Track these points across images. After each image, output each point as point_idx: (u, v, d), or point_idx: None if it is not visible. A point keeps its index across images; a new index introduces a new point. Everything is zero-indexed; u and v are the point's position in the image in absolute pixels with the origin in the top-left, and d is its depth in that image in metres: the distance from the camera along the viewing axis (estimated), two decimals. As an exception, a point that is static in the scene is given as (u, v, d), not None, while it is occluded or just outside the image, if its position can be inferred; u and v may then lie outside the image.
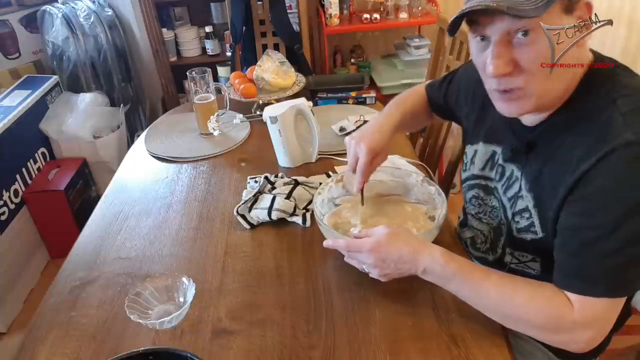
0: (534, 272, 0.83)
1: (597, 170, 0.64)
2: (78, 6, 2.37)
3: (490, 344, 0.74)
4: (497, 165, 0.85)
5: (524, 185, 0.78)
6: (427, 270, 0.75)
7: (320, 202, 0.98)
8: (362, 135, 0.93)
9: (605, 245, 0.64)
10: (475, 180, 0.90)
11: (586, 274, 0.66)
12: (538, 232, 0.77)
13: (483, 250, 0.92)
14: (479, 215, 0.91)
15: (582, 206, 0.66)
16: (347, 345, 0.76)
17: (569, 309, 0.67)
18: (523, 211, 0.78)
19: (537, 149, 0.75)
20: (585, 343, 0.68)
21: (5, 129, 1.90)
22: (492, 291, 0.72)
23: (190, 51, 2.59)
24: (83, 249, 1.03)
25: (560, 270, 0.70)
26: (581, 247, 0.66)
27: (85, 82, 2.38)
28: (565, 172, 0.68)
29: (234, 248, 0.99)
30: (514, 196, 0.80)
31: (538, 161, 0.75)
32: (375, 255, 0.77)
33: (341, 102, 1.57)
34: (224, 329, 0.80)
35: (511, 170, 0.81)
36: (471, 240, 0.95)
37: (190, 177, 1.25)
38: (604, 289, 0.65)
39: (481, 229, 0.91)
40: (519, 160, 0.79)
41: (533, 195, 0.76)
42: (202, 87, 1.38)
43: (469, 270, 0.74)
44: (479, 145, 0.90)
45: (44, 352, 0.79)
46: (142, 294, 0.81)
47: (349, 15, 2.44)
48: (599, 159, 0.63)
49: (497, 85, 0.70)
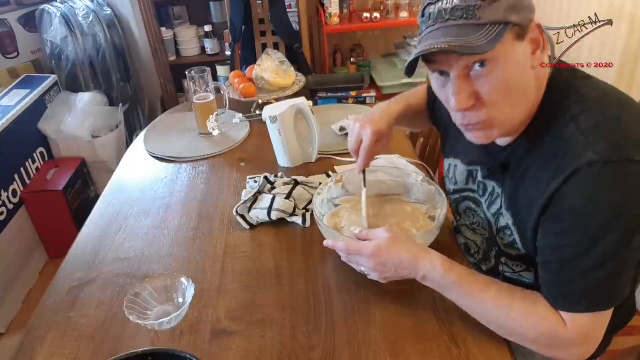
0: (529, 281, 0.83)
1: (566, 190, 0.64)
2: (77, 5, 2.36)
3: (490, 345, 0.74)
4: (478, 181, 0.86)
5: (504, 204, 0.78)
6: (426, 277, 0.76)
7: (320, 203, 0.98)
8: (366, 119, 0.93)
9: (584, 262, 0.64)
10: (464, 193, 0.91)
11: (569, 291, 0.67)
12: (520, 248, 0.77)
13: (477, 260, 0.92)
14: (473, 226, 0.91)
15: (557, 226, 0.66)
16: (347, 346, 0.75)
17: (562, 327, 0.68)
18: (505, 228, 0.79)
19: (511, 169, 0.76)
20: (577, 357, 0.70)
21: (4, 129, 1.89)
22: (489, 304, 0.72)
23: (190, 50, 2.59)
24: (82, 249, 1.02)
25: (545, 288, 0.71)
26: (561, 266, 0.67)
27: (84, 82, 2.38)
28: (536, 192, 0.68)
29: (233, 248, 0.98)
30: (496, 212, 0.81)
31: (513, 181, 0.75)
32: (376, 259, 0.77)
33: (341, 102, 1.57)
34: (224, 330, 0.80)
35: (492, 187, 0.81)
36: (465, 246, 0.95)
37: (189, 177, 1.25)
38: (588, 305, 0.66)
39: (474, 240, 0.91)
40: (497, 179, 0.80)
41: (512, 214, 0.76)
42: (201, 86, 1.37)
43: (468, 281, 0.74)
44: (458, 162, 0.91)
45: (43, 353, 0.78)
46: (141, 295, 0.81)
47: (349, 15, 2.44)
48: (565, 179, 0.64)
49: (462, 120, 0.71)
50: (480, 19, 0.62)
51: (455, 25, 0.64)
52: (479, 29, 0.63)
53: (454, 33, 0.64)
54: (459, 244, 0.98)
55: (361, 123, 0.92)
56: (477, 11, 0.62)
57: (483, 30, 0.62)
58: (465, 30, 0.63)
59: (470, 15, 0.63)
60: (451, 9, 0.64)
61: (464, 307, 0.75)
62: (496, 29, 0.62)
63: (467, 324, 0.77)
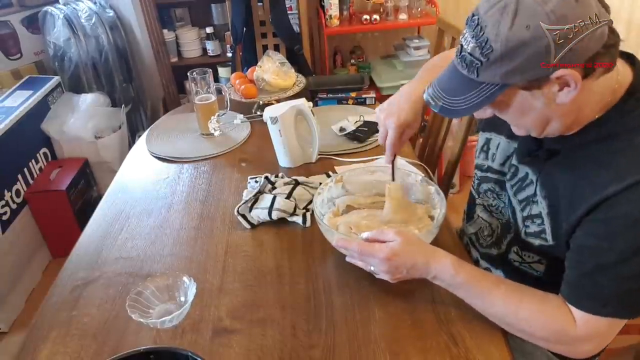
0: (537, 273, 0.83)
1: (625, 196, 0.63)
2: (79, 7, 2.37)
3: (489, 343, 0.74)
4: (510, 164, 0.85)
5: (539, 191, 0.76)
6: (437, 277, 0.77)
7: (320, 202, 0.98)
8: (390, 109, 0.91)
9: (621, 270, 0.64)
10: (495, 174, 0.89)
11: (598, 294, 0.67)
12: (548, 239, 0.76)
13: (487, 245, 0.91)
14: (490, 209, 0.90)
15: (602, 229, 0.65)
16: (347, 344, 0.76)
17: (571, 325, 0.68)
18: (535, 217, 0.78)
19: (559, 158, 0.74)
20: (583, 354, 0.71)
21: (7, 130, 1.90)
22: (498, 302, 0.73)
23: (191, 52, 2.59)
24: (84, 248, 1.03)
25: (570, 286, 0.70)
26: (597, 269, 0.66)
27: (86, 83, 2.39)
28: (588, 188, 0.67)
29: (234, 248, 0.99)
30: (526, 199, 0.80)
31: (557, 170, 0.74)
32: (390, 263, 0.77)
33: (341, 103, 1.58)
34: (225, 328, 0.81)
35: (525, 173, 0.80)
36: (475, 235, 0.94)
37: (191, 177, 1.25)
38: (613, 310, 0.66)
39: (490, 222, 0.91)
40: (535, 165, 0.78)
41: (548, 203, 0.75)
42: (202, 87, 1.38)
43: (478, 280, 0.75)
44: (501, 138, 0.88)
45: (46, 351, 0.79)
46: (143, 293, 0.82)
47: (348, 16, 2.44)
48: (629, 185, 0.62)
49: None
50: (478, 77, 0.64)
51: (458, 73, 0.67)
52: (475, 86, 0.64)
53: (452, 84, 0.68)
54: (469, 234, 0.98)
55: (386, 113, 0.91)
56: (477, 69, 0.63)
57: (477, 89, 0.64)
58: (462, 84, 0.66)
59: (470, 70, 0.64)
60: (462, 54, 0.65)
61: (473, 305, 0.76)
62: (491, 89, 0.63)
63: (466, 322, 0.77)
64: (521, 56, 0.59)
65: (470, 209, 0.99)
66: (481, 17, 0.61)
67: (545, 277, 0.82)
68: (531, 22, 0.58)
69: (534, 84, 0.63)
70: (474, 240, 0.97)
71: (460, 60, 0.66)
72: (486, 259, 0.94)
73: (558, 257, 0.75)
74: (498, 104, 0.67)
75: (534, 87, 0.63)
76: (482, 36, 0.61)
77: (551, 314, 0.70)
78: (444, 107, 0.68)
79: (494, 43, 0.60)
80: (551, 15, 0.57)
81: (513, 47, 0.59)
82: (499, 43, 0.60)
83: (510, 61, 0.60)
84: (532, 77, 0.61)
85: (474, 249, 0.98)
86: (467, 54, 0.64)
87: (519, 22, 0.58)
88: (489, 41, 0.60)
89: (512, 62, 0.60)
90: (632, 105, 0.67)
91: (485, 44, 0.60)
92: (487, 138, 0.92)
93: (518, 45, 0.59)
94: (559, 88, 0.63)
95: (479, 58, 0.62)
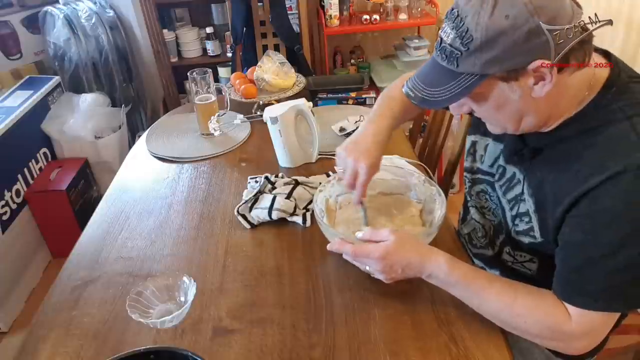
0: (530, 272, 0.83)
1: (606, 189, 0.63)
2: (79, 7, 2.38)
3: (489, 343, 0.74)
4: (498, 165, 0.85)
5: (526, 189, 0.77)
6: (431, 276, 0.77)
7: (320, 200, 0.98)
8: (358, 150, 0.89)
9: (609, 263, 0.64)
10: (484, 176, 0.90)
11: (588, 289, 0.67)
12: (537, 236, 0.77)
13: (481, 246, 0.92)
14: (483, 210, 0.91)
15: (587, 223, 0.66)
16: (347, 344, 0.76)
17: (566, 321, 0.68)
18: (523, 215, 0.79)
19: (543, 155, 0.75)
20: (578, 350, 0.71)
21: (7, 130, 1.90)
22: (493, 299, 0.73)
23: (191, 52, 2.59)
24: (84, 248, 1.03)
25: (561, 282, 0.70)
26: (585, 264, 0.67)
27: (86, 83, 2.39)
28: (570, 183, 0.67)
29: (234, 248, 0.99)
30: (514, 198, 0.80)
31: (542, 167, 0.75)
32: (384, 262, 0.77)
33: (341, 103, 1.58)
34: (225, 328, 0.81)
35: (512, 173, 0.81)
36: (469, 236, 0.95)
37: (191, 177, 1.26)
38: (604, 305, 0.66)
39: (483, 223, 0.91)
40: (522, 164, 0.79)
41: (534, 200, 0.76)
42: (202, 87, 1.38)
43: (472, 278, 0.75)
44: (489, 140, 0.89)
45: (46, 351, 0.79)
46: (143, 293, 0.82)
47: (348, 16, 2.44)
48: (608, 177, 0.63)
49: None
50: (458, 68, 0.65)
51: (438, 65, 0.68)
52: (454, 77, 0.65)
53: (432, 76, 0.69)
54: (464, 234, 0.98)
55: (355, 156, 0.88)
56: (457, 59, 0.64)
57: (456, 80, 0.65)
58: (441, 75, 0.67)
59: (450, 61, 0.65)
60: (441, 46, 0.66)
61: (468, 303, 0.76)
62: (470, 79, 0.64)
63: (466, 322, 0.77)
64: (500, 45, 0.61)
65: (464, 210, 0.99)
66: (461, 9, 0.63)
67: (539, 276, 0.82)
68: (510, 11, 0.60)
69: (511, 75, 0.64)
70: (468, 241, 0.98)
71: (440, 52, 0.67)
72: (481, 260, 0.95)
73: (549, 255, 0.75)
74: (476, 96, 0.68)
75: (512, 79, 0.64)
76: (462, 26, 0.62)
77: (546, 310, 0.70)
78: (424, 99, 0.69)
79: (474, 32, 0.61)
80: (529, 5, 0.59)
81: (493, 36, 0.60)
82: (479, 32, 0.61)
83: (490, 50, 0.61)
84: (510, 66, 0.63)
85: (469, 250, 0.99)
86: (447, 45, 0.65)
87: (499, 12, 0.60)
88: (469, 31, 0.61)
89: (492, 51, 0.61)
90: (609, 100, 0.68)
91: (466, 34, 0.62)
92: (472, 141, 0.94)
93: (497, 34, 0.60)
94: (534, 82, 0.64)
95: (459, 48, 0.63)
